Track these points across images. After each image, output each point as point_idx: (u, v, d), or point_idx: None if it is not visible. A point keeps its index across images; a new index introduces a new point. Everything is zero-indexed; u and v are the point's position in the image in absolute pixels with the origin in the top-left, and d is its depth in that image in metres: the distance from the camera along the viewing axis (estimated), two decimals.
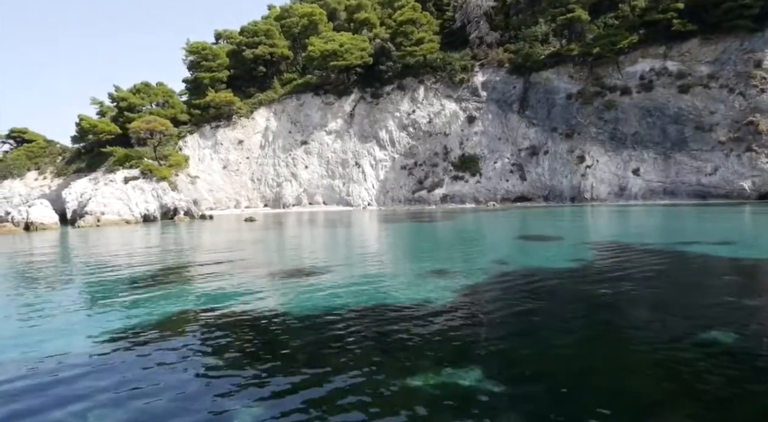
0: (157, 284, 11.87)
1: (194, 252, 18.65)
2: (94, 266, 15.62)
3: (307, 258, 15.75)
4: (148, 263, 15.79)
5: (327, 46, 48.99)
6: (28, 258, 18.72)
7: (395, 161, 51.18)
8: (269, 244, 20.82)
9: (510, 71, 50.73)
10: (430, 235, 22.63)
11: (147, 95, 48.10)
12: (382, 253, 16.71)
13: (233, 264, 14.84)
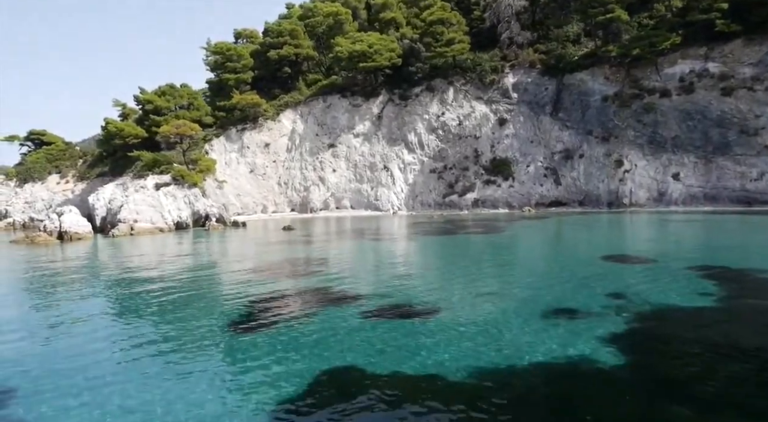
0: (255, 332, 10.89)
1: (256, 277, 17.63)
2: (170, 293, 14.60)
3: (392, 289, 14.72)
4: (217, 294, 14.77)
5: (355, 46, 47.88)
6: (93, 279, 17.73)
7: (424, 164, 50.15)
8: (330, 266, 19.77)
9: (542, 72, 49.59)
10: (496, 252, 21.61)
11: (172, 97, 47.06)
12: (473, 281, 15.67)
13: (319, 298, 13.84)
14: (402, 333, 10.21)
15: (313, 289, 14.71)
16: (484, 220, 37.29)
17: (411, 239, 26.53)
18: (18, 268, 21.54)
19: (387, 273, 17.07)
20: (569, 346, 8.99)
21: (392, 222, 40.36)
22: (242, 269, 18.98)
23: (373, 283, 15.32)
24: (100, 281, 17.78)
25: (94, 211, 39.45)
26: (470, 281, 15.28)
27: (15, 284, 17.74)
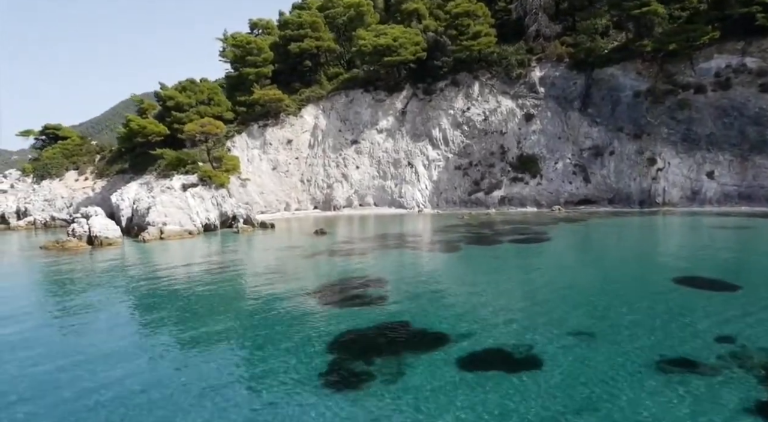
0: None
1: (318, 306, 16.98)
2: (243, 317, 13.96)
3: (469, 326, 14.06)
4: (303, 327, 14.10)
5: (380, 40, 46.64)
6: (161, 304, 17.09)
7: (449, 160, 49.24)
8: (388, 290, 19.07)
9: (570, 66, 48.40)
10: (555, 271, 20.89)
11: (193, 93, 45.96)
12: (551, 314, 14.99)
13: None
14: (505, 393, 9.56)
15: (387, 326, 14.04)
16: (518, 223, 36.54)
17: (455, 251, 25.76)
18: (76, 288, 20.91)
19: (454, 303, 16.35)
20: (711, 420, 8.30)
21: (422, 223, 39.66)
22: (299, 292, 18.34)
23: (446, 318, 14.61)
24: (170, 305, 17.15)
25: (120, 212, 38.75)
26: (549, 314, 14.61)
27: (96, 309, 17.13)
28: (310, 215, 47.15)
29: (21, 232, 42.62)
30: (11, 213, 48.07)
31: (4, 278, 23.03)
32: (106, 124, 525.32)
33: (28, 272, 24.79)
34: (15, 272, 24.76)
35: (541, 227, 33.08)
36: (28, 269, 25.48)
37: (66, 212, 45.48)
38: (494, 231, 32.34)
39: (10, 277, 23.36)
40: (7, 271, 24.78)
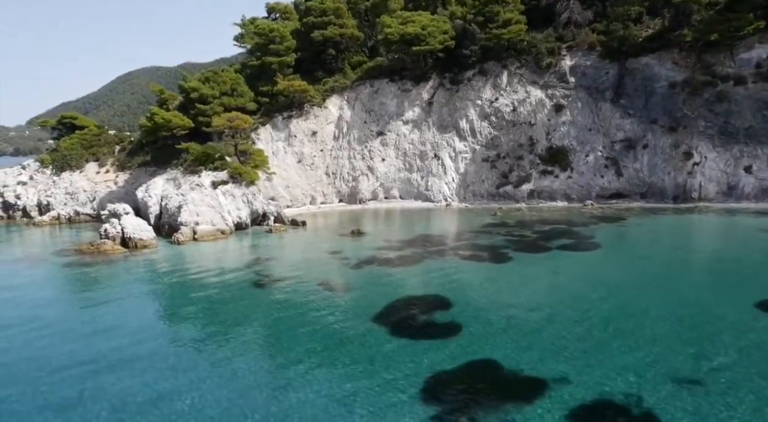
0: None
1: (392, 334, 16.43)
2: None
3: (567, 371, 13.49)
4: None
5: (408, 29, 45.19)
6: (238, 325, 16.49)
7: (476, 152, 48.26)
8: (459, 319, 18.48)
9: (602, 55, 47.02)
10: (627, 291, 20.28)
11: (216, 84, 44.71)
12: (657, 347, 14.44)
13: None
14: None
15: (473, 365, 13.56)
16: (555, 222, 35.88)
17: (507, 260, 25.13)
18: (136, 305, 20.38)
19: (533, 335, 15.74)
20: None
21: (455, 221, 39.05)
22: (361, 316, 17.81)
23: (533, 356, 14.07)
24: (241, 334, 16.62)
25: (147, 209, 38.06)
26: (640, 352, 14.10)
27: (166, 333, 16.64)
28: (336, 209, 46.47)
29: (45, 228, 41.91)
30: (33, 206, 47.33)
31: (63, 295, 22.30)
32: (103, 100, 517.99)
33: (80, 285, 23.80)
34: (65, 285, 24.06)
35: (582, 229, 32.41)
36: (78, 281, 24.38)
37: (90, 207, 44.75)
38: (536, 233, 31.68)
39: (65, 292, 22.59)
40: (59, 285, 23.83)
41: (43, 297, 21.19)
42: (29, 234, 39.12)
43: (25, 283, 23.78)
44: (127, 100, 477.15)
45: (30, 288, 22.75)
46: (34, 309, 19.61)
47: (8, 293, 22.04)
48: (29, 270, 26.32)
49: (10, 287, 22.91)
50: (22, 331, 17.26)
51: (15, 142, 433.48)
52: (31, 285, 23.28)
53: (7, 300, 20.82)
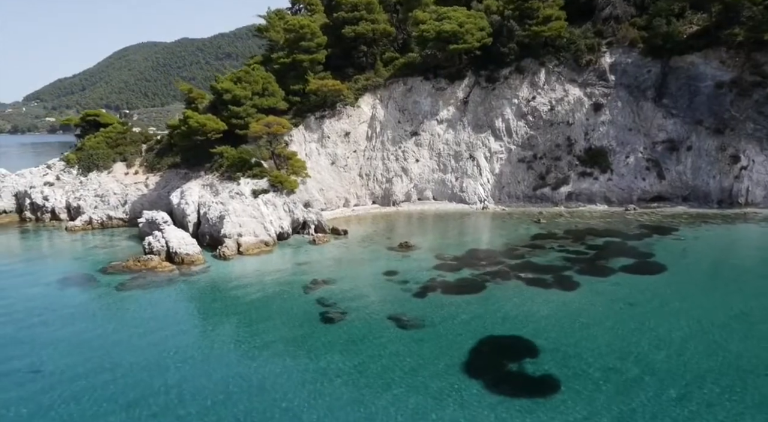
0: None
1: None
2: None
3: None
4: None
5: (445, 26, 43.73)
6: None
7: (512, 153, 47.25)
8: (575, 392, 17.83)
9: (644, 52, 45.63)
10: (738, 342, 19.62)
11: (248, 83, 43.48)
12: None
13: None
14: None
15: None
16: (605, 232, 35.17)
17: (574, 287, 24.46)
18: (218, 351, 19.80)
19: (652, 403, 14.99)
20: None
21: (497, 227, 38.33)
22: (447, 354, 17.24)
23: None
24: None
25: (185, 218, 37.34)
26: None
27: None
28: (371, 212, 45.75)
29: (78, 233, 41.29)
30: (61, 208, 46.66)
31: (131, 330, 21.57)
32: (99, 76, 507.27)
33: (145, 316, 22.98)
34: (128, 315, 23.37)
35: (637, 243, 31.70)
36: (141, 310, 23.40)
37: (122, 211, 44.01)
38: (590, 248, 31.04)
39: (131, 327, 21.82)
40: (122, 317, 22.88)
41: (113, 339, 20.32)
42: (65, 242, 38.51)
43: (83, 314, 23.13)
44: (124, 76, 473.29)
45: (92, 322, 22.10)
46: (107, 355, 19.01)
47: (70, 327, 21.47)
48: (83, 295, 25.72)
49: (72, 319, 22.37)
50: (112, 380, 16.78)
51: (12, 119, 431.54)
52: (92, 318, 22.58)
53: (81, 343, 20.06)
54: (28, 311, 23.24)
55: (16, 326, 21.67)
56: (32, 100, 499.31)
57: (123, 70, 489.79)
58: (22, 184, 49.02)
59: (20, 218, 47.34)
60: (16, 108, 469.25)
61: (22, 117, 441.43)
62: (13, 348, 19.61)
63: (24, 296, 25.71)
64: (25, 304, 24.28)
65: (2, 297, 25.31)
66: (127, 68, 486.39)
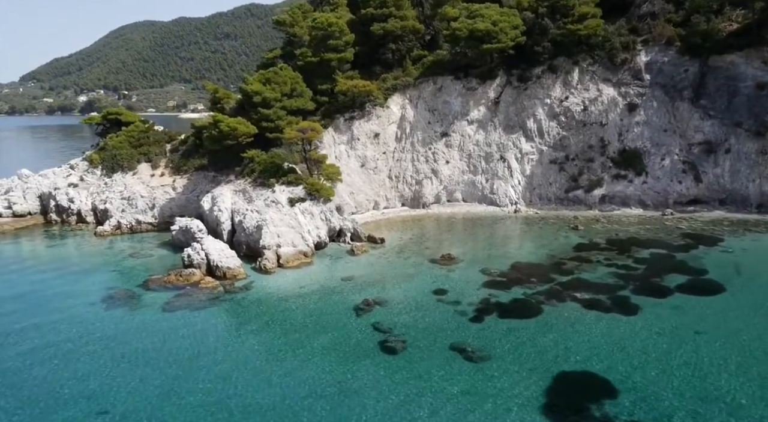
0: None
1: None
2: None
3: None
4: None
5: (478, 25, 42.57)
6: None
7: (543, 154, 46.45)
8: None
9: (681, 51, 44.47)
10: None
11: (276, 84, 42.51)
12: None
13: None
14: None
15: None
16: (647, 241, 34.64)
17: (635, 311, 23.97)
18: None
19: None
20: None
21: (535, 234, 37.78)
22: (523, 394, 16.88)
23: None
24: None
25: (219, 225, 36.83)
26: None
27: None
28: (401, 215, 45.21)
29: (108, 239, 40.85)
30: (87, 211, 46.20)
31: (193, 366, 21.31)
32: (96, 56, 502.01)
33: (202, 344, 22.45)
34: (184, 345, 23.02)
35: (686, 257, 31.17)
36: (196, 338, 22.71)
37: (150, 215, 43.49)
38: (639, 262, 30.57)
39: (192, 362, 21.36)
40: (177, 347, 22.40)
41: (172, 373, 19.87)
42: (97, 249, 38.10)
43: (135, 341, 22.77)
44: (122, 56, 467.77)
45: (146, 352, 21.74)
46: (173, 393, 18.69)
47: (126, 358, 21.14)
48: (130, 318, 25.18)
49: (125, 347, 22.05)
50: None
51: (10, 99, 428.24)
52: (145, 347, 22.20)
53: (144, 379, 19.69)
54: (79, 340, 22.84)
55: (69, 357, 21.28)
56: (29, 80, 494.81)
57: (120, 49, 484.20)
58: (46, 185, 48.57)
59: (45, 220, 46.96)
60: (13, 88, 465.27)
61: (20, 98, 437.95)
62: (75, 384, 19.28)
63: (70, 318, 25.34)
64: (75, 329, 23.91)
65: (49, 321, 24.89)
66: (125, 48, 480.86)
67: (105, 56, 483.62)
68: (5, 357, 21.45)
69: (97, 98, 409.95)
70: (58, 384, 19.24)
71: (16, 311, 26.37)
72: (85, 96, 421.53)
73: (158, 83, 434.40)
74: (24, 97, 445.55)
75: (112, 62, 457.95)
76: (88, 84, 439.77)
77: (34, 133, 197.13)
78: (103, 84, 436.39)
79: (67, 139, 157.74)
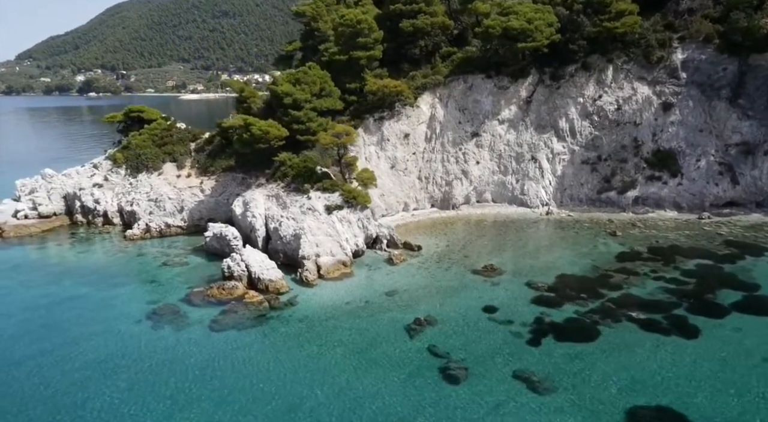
0: None
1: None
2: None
3: None
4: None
5: (512, 23, 41.41)
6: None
7: (575, 154, 45.73)
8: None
9: (720, 49, 43.37)
10: None
11: (306, 84, 41.57)
12: None
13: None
14: None
15: None
16: (689, 251, 34.17)
17: (693, 333, 23.46)
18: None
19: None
20: None
21: (572, 241, 37.27)
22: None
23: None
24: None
25: (254, 232, 36.43)
26: None
27: None
28: (431, 217, 44.74)
29: (137, 243, 40.42)
30: (114, 212, 45.78)
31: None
32: (92, 35, 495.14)
33: (250, 368, 22.59)
34: (230, 367, 22.91)
35: (735, 269, 30.78)
36: (259, 373, 22.18)
37: (180, 218, 42.99)
38: (687, 275, 30.20)
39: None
40: (228, 374, 22.25)
41: (236, 406, 19.79)
42: (129, 255, 37.75)
43: (190, 368, 22.44)
44: (118, 35, 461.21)
45: (206, 383, 21.48)
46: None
47: (186, 389, 20.91)
48: (181, 340, 24.76)
49: (178, 374, 21.80)
50: None
51: (6, 78, 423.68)
52: (202, 376, 21.87)
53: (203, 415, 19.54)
54: (136, 367, 22.53)
55: (130, 388, 21.07)
56: (25, 59, 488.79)
57: (116, 28, 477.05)
58: (70, 185, 48.03)
59: (71, 221, 46.58)
60: (9, 67, 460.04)
61: (16, 77, 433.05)
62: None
63: (120, 338, 25.08)
64: (130, 355, 23.61)
65: (98, 344, 24.50)
66: (121, 26, 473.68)
67: (101, 35, 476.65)
68: (60, 383, 21.19)
69: (95, 78, 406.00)
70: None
71: (61, 327, 26.21)
72: (82, 76, 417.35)
73: (156, 63, 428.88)
74: (20, 76, 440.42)
75: (108, 41, 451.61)
76: (85, 63, 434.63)
77: (32, 116, 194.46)
78: (101, 63, 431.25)
79: (71, 123, 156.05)
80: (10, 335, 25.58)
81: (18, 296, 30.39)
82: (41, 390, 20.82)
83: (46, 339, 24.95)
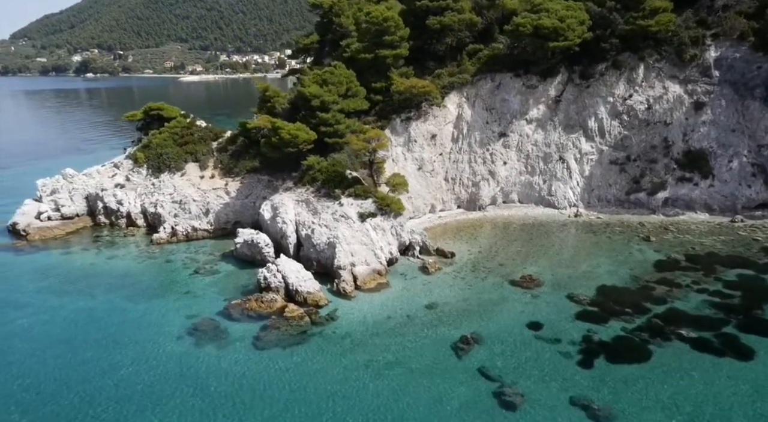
0: None
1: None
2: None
3: None
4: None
5: (544, 21, 40.41)
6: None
7: (603, 154, 45.13)
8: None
9: (755, 46, 42.50)
10: None
11: (333, 85, 40.73)
12: None
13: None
14: None
15: None
16: (727, 259, 33.86)
17: (748, 356, 23.16)
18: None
19: None
20: None
21: (606, 247, 36.90)
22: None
23: None
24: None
25: (284, 239, 36.11)
26: None
27: None
28: (457, 219, 44.35)
29: (163, 247, 40.07)
30: (137, 214, 45.33)
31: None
32: (88, 13, 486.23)
33: (300, 394, 22.55)
34: (282, 396, 22.71)
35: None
36: (298, 389, 22.49)
37: (206, 222, 42.50)
38: (730, 287, 29.99)
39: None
40: (279, 401, 22.44)
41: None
42: (158, 261, 37.38)
43: (240, 393, 22.33)
44: (114, 13, 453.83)
45: (263, 410, 21.37)
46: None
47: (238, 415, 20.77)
48: (223, 358, 24.63)
49: (228, 402, 21.64)
50: None
51: (2, 59, 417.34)
52: (259, 403, 21.78)
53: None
54: (185, 394, 22.30)
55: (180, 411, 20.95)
56: (20, 38, 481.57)
57: (113, 6, 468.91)
58: (92, 185, 47.51)
59: (94, 223, 46.14)
60: (5, 47, 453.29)
61: (12, 57, 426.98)
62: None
63: (164, 358, 24.86)
64: (176, 374, 23.46)
65: (140, 360, 24.39)
66: (117, 5, 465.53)
67: (97, 13, 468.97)
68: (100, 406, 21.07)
69: (92, 58, 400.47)
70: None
71: (104, 346, 25.94)
72: (79, 56, 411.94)
73: (154, 43, 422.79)
74: (16, 56, 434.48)
75: (105, 20, 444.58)
76: (81, 43, 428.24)
77: (29, 99, 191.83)
78: (97, 43, 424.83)
79: (62, 101, 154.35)
80: (53, 356, 25.32)
81: (53, 314, 29.47)
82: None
83: (90, 362, 24.66)
